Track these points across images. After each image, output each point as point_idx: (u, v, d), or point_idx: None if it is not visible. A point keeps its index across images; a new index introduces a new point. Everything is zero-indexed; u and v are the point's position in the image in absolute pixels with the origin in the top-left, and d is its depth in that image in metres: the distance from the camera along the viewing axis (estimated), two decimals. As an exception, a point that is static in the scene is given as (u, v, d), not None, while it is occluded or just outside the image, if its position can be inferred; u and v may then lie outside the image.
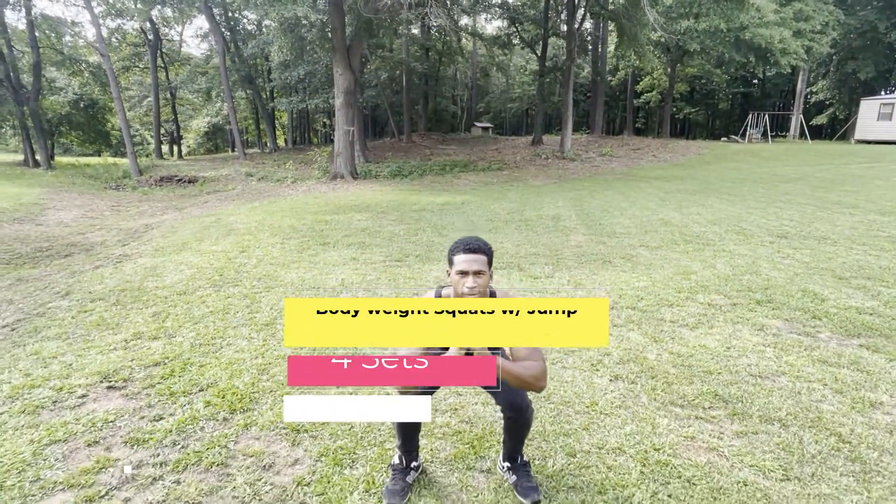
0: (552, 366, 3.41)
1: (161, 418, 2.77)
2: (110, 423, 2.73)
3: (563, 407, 2.89)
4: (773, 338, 3.87)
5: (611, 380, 3.22)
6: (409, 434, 2.21)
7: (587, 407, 2.90)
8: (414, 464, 2.29)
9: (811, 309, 4.41)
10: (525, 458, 2.29)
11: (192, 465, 2.39)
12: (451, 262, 2.01)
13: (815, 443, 2.56)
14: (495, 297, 2.05)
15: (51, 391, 3.06)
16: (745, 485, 2.25)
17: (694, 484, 2.26)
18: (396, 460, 2.28)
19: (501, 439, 2.31)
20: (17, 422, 2.74)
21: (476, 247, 1.97)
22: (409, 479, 2.26)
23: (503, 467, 2.31)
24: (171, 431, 2.64)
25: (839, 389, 3.08)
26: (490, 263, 2.02)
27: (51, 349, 3.72)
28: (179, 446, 2.53)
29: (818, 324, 4.12)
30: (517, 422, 2.13)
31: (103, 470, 2.35)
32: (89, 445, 2.54)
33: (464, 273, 1.95)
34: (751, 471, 2.35)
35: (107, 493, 2.20)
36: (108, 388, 3.13)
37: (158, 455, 2.46)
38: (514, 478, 2.25)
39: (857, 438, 2.59)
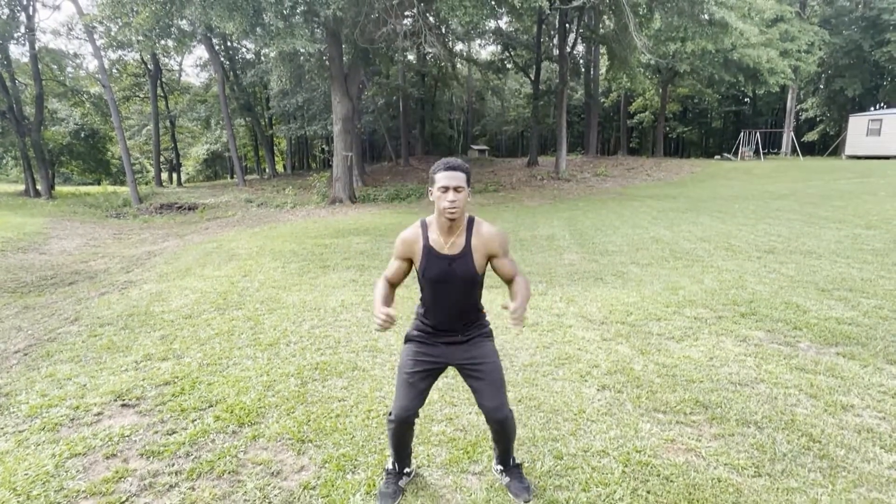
0: (543, 377, 3.59)
1: (174, 432, 2.95)
2: (126, 438, 2.90)
3: (552, 415, 3.07)
4: (754, 348, 4.05)
5: (598, 389, 3.40)
6: (400, 448, 2.38)
7: (575, 414, 3.07)
8: (407, 469, 2.46)
9: (793, 320, 4.60)
10: (517, 461, 2.47)
11: (206, 473, 2.56)
12: (432, 181, 2.17)
13: (787, 442, 2.73)
14: (473, 222, 2.24)
15: (68, 409, 3.23)
16: (720, 481, 2.42)
17: (671, 481, 2.43)
18: (390, 466, 2.45)
19: (493, 446, 2.48)
20: (38, 438, 2.91)
21: (456, 165, 2.14)
22: (402, 482, 2.43)
23: (497, 470, 2.49)
24: (184, 444, 2.81)
25: (814, 394, 3.26)
26: (469, 182, 2.18)
27: (65, 371, 3.89)
28: (192, 457, 2.70)
29: (798, 334, 4.31)
30: (501, 433, 2.32)
31: (122, 479, 2.52)
32: (108, 458, 2.71)
33: (445, 189, 2.11)
34: (725, 468, 2.53)
35: (127, 500, 2.37)
36: (122, 405, 3.30)
37: (173, 465, 2.63)
38: (507, 479, 2.42)
39: (826, 438, 2.77)
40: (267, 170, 32.29)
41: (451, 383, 3.51)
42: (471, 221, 2.24)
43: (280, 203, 17.58)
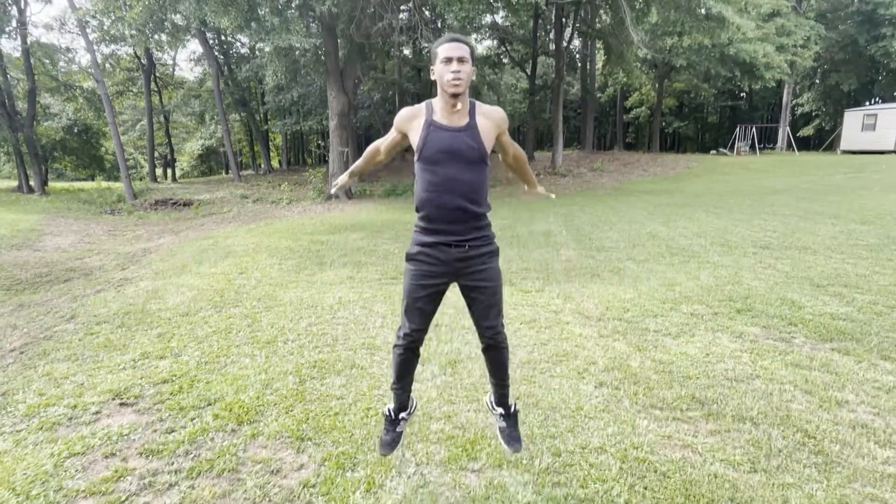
0: (540, 374, 3.61)
1: (173, 431, 2.95)
2: (125, 437, 2.90)
3: (550, 412, 3.09)
4: (750, 344, 4.08)
5: (595, 386, 3.42)
6: (403, 376, 2.36)
7: (573, 411, 3.09)
8: (403, 414, 2.43)
9: (788, 316, 4.63)
10: (516, 408, 2.46)
11: (205, 471, 2.57)
12: (435, 56, 2.08)
13: (782, 438, 2.76)
14: (475, 104, 2.17)
15: (66, 409, 3.23)
16: (716, 477, 2.45)
17: (668, 477, 2.45)
18: (387, 411, 2.43)
19: (489, 379, 2.44)
20: (36, 437, 2.91)
21: (460, 37, 2.08)
22: (399, 428, 2.42)
23: (496, 412, 2.44)
24: (183, 442, 2.82)
25: (809, 390, 3.29)
26: (473, 58, 2.11)
27: (62, 370, 3.88)
28: (192, 455, 2.71)
29: (794, 330, 4.34)
30: (496, 355, 2.30)
31: (122, 478, 2.52)
32: (107, 457, 2.72)
33: (448, 59, 2.03)
34: (721, 464, 2.55)
35: (127, 499, 2.38)
36: (121, 404, 3.30)
37: (173, 464, 2.64)
38: (503, 424, 2.41)
39: (821, 434, 2.79)
40: (262, 165, 32.17)
41: (448, 381, 3.52)
42: (472, 103, 2.17)
43: (276, 199, 17.53)
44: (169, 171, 36.60)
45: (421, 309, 2.23)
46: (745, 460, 2.58)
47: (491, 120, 2.17)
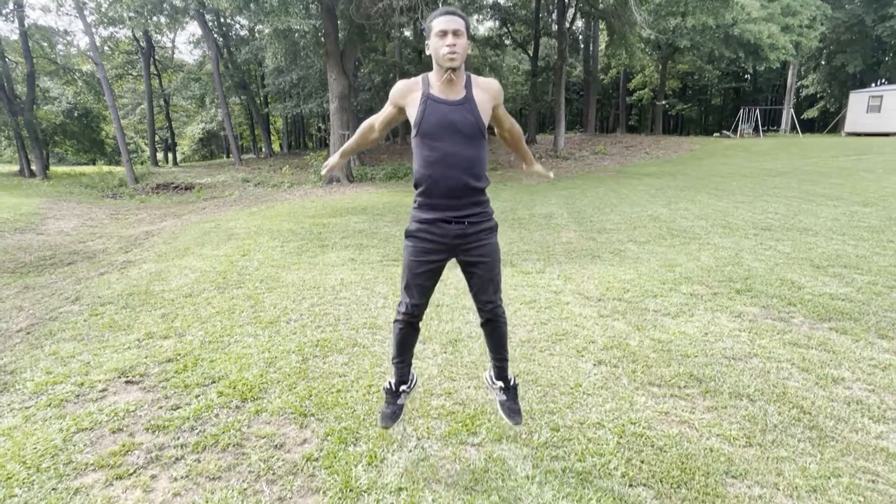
0: (539, 353, 3.65)
1: (178, 407, 3.00)
2: (131, 413, 2.95)
3: (548, 389, 3.13)
4: (748, 323, 4.11)
5: (594, 364, 3.46)
6: (404, 351, 2.41)
7: (571, 388, 3.13)
8: (403, 387, 2.49)
9: (787, 296, 4.66)
10: (515, 382, 2.51)
11: (210, 446, 2.62)
12: (429, 31, 2.06)
13: (778, 414, 2.80)
14: (471, 77, 2.18)
15: (73, 386, 3.28)
16: (712, 451, 2.49)
17: (665, 451, 2.50)
18: (387, 384, 2.49)
19: (489, 352, 2.48)
20: (44, 414, 2.96)
21: (454, 11, 2.06)
22: (400, 401, 2.48)
23: (497, 388, 2.48)
24: (188, 418, 2.87)
25: (805, 368, 3.32)
26: (468, 31, 2.11)
27: (68, 349, 3.93)
28: (197, 431, 2.76)
29: (793, 310, 4.37)
30: (494, 328, 2.34)
31: (129, 452, 2.58)
32: (114, 432, 2.77)
33: (443, 33, 2.01)
34: (717, 439, 2.59)
35: (135, 472, 2.43)
36: (126, 382, 3.35)
37: (179, 439, 2.69)
38: (503, 397, 2.45)
39: (816, 410, 2.83)
40: (263, 149, 32.07)
41: (449, 359, 3.56)
42: (468, 76, 2.17)
43: (277, 182, 17.52)
44: (170, 155, 36.54)
45: (420, 285, 2.26)
46: (740, 435, 2.62)
47: (487, 92, 2.18)
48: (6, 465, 2.48)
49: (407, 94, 2.17)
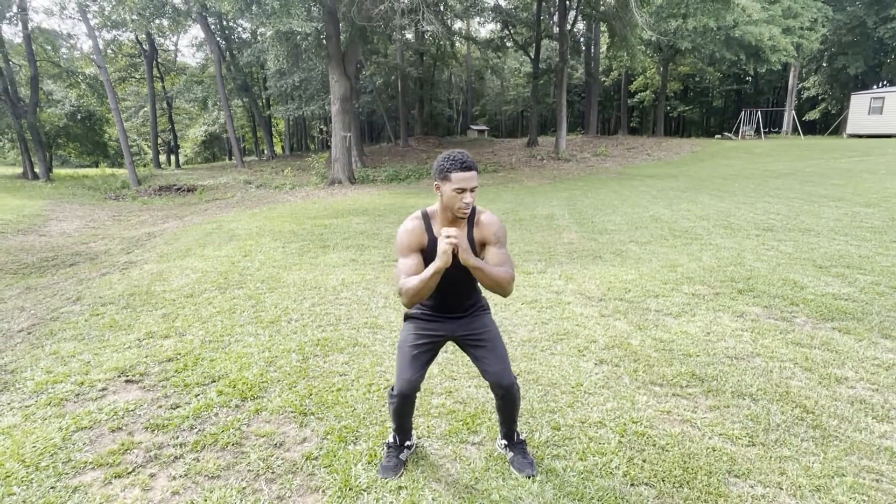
0: (541, 352, 3.64)
1: (178, 406, 2.99)
2: (131, 412, 2.95)
3: (550, 388, 3.12)
4: (751, 323, 4.09)
5: (596, 363, 3.45)
6: (403, 418, 2.40)
7: (573, 387, 3.12)
8: (408, 443, 2.49)
9: (790, 296, 4.64)
10: (521, 437, 2.50)
11: (210, 445, 2.61)
12: (445, 178, 2.09)
13: (780, 413, 2.78)
14: (474, 212, 2.24)
15: (73, 385, 3.28)
16: (714, 450, 2.48)
17: (667, 450, 2.48)
18: (391, 439, 2.49)
19: (498, 420, 2.47)
20: (44, 412, 2.95)
21: (471, 164, 2.09)
22: (403, 456, 2.46)
23: (501, 445, 2.51)
24: (188, 417, 2.86)
25: (808, 367, 3.31)
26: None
27: (68, 349, 3.93)
28: (196, 430, 2.75)
29: (795, 309, 4.35)
30: (506, 399, 2.31)
31: (129, 451, 2.57)
32: (113, 431, 2.76)
33: (462, 190, 2.07)
34: (720, 438, 2.58)
35: (133, 471, 2.42)
36: (126, 381, 3.35)
37: (178, 438, 2.68)
38: (511, 454, 2.45)
39: (820, 409, 2.81)
40: (265, 151, 32.11)
41: (450, 358, 3.55)
42: (472, 211, 2.23)
43: (279, 184, 17.52)
44: (172, 158, 36.61)
45: (416, 358, 2.28)
46: (743, 434, 2.60)
47: (481, 231, 2.23)
48: (5, 463, 2.48)
49: (418, 238, 2.22)
